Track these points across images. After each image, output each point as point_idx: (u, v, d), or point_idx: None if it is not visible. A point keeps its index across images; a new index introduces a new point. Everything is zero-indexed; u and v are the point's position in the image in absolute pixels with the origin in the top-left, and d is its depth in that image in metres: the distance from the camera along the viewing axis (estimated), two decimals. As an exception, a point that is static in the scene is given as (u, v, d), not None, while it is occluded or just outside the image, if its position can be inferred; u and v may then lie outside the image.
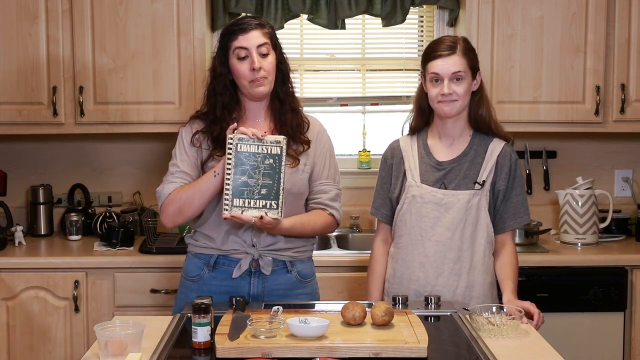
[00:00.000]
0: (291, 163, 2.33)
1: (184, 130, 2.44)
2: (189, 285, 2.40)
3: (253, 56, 2.30)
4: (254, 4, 3.44)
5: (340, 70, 3.77)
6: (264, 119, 2.41)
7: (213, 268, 2.37)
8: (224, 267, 2.36)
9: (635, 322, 3.12)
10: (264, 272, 2.35)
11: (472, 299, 2.37)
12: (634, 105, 3.31)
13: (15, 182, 3.61)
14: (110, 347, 1.80)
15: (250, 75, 2.30)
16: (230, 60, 2.33)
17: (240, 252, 2.35)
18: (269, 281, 2.36)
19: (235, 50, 2.31)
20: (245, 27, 2.31)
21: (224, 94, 2.36)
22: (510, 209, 2.41)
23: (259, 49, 2.31)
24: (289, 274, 2.40)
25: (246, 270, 2.34)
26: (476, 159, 2.41)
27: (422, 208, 2.39)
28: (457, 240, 2.37)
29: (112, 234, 3.26)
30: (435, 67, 2.34)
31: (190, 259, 2.43)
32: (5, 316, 3.08)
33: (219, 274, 2.37)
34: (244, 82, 2.33)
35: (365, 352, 1.84)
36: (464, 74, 2.33)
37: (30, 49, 3.23)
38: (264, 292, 2.36)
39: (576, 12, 3.27)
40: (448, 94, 2.33)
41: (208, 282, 2.37)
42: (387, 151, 2.54)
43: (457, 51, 2.33)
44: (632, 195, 3.71)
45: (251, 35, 2.31)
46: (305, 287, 2.44)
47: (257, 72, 2.30)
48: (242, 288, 2.35)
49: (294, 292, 2.41)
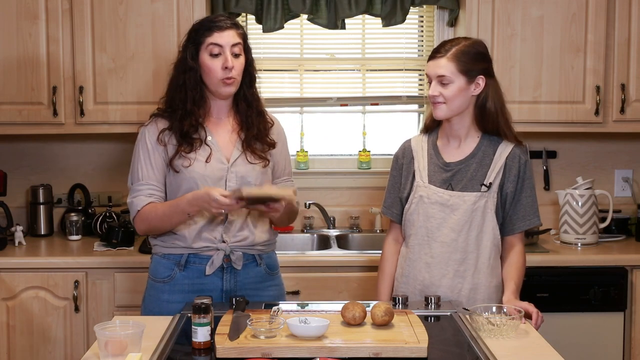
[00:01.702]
0: (260, 162, 2.38)
1: (147, 130, 2.39)
2: (159, 287, 2.38)
3: (227, 54, 2.30)
4: (254, 4, 3.44)
5: (340, 70, 3.77)
6: (226, 116, 2.43)
7: (184, 267, 2.36)
8: (195, 265, 2.35)
9: (635, 322, 3.12)
10: (236, 267, 2.35)
11: (476, 301, 2.36)
12: (634, 105, 3.31)
13: (15, 182, 3.61)
14: (110, 347, 1.80)
15: (221, 73, 2.30)
16: (201, 55, 2.32)
17: (211, 249, 2.35)
18: (240, 275, 2.37)
19: (208, 46, 2.31)
20: (222, 25, 2.32)
21: (195, 90, 2.35)
22: (519, 211, 2.40)
23: (232, 49, 2.32)
24: (258, 267, 2.41)
25: (218, 266, 2.35)
26: (484, 160, 2.40)
27: (429, 208, 2.40)
28: (463, 242, 2.37)
29: (112, 234, 3.26)
30: (427, 68, 2.39)
31: (157, 260, 2.41)
32: (5, 316, 3.09)
33: (190, 273, 2.36)
34: (213, 80, 2.33)
35: (365, 352, 1.84)
36: (449, 78, 2.32)
37: (30, 49, 3.23)
38: (236, 287, 2.37)
39: (576, 12, 3.27)
40: (432, 95, 2.35)
41: (180, 281, 2.36)
42: (399, 151, 2.54)
43: (447, 55, 2.33)
44: (632, 195, 3.71)
45: (227, 34, 2.31)
46: (274, 278, 2.47)
47: (229, 71, 2.30)
48: (214, 284, 2.35)
49: (264, 284, 2.42)
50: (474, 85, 2.36)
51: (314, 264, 3.11)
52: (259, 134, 2.41)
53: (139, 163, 2.37)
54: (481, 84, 2.37)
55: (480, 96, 2.38)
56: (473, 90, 2.37)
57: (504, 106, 2.42)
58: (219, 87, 2.34)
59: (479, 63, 2.36)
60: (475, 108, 2.40)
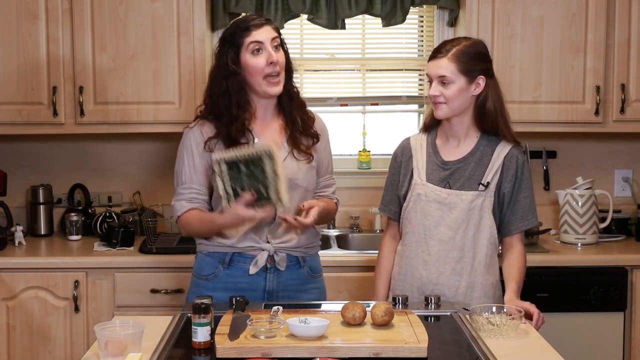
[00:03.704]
0: (306, 159, 2.37)
1: (192, 133, 2.38)
2: (203, 284, 2.40)
3: (269, 49, 2.30)
4: (254, 4, 3.44)
5: (340, 70, 3.77)
6: (271, 117, 2.42)
7: (228, 265, 2.37)
8: (240, 264, 2.36)
9: (635, 322, 3.12)
10: (279, 267, 2.37)
11: (473, 299, 2.37)
12: (634, 105, 3.31)
13: (15, 182, 3.61)
14: (110, 347, 1.80)
15: (267, 69, 2.29)
16: (243, 56, 2.31)
17: (255, 249, 2.36)
18: (283, 276, 2.38)
19: (249, 45, 2.30)
20: (258, 23, 2.32)
21: (239, 94, 2.33)
22: (517, 212, 2.40)
23: (272, 42, 2.31)
24: (301, 269, 2.42)
25: (262, 266, 2.35)
26: (482, 160, 2.41)
27: (427, 206, 2.40)
28: (460, 241, 2.38)
29: (112, 234, 3.26)
30: (427, 68, 2.39)
31: (202, 258, 2.43)
32: (5, 316, 3.08)
33: (234, 271, 2.37)
34: (258, 78, 2.31)
35: (365, 352, 1.84)
36: (450, 78, 2.33)
37: (30, 49, 3.23)
38: (278, 288, 2.38)
39: (576, 12, 3.27)
40: (433, 95, 2.36)
41: (224, 279, 2.37)
42: (398, 149, 2.55)
43: (448, 55, 2.33)
44: (632, 195, 3.71)
45: (264, 30, 2.31)
46: (316, 281, 2.47)
47: (274, 65, 2.29)
48: (258, 284, 2.36)
49: (306, 286, 2.43)
50: (474, 86, 2.36)
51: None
52: (304, 126, 2.40)
53: (183, 166, 2.37)
54: (481, 84, 2.37)
55: (480, 96, 2.38)
56: (473, 91, 2.37)
57: (503, 106, 2.42)
58: (265, 87, 2.32)
59: (480, 63, 2.37)
60: (475, 108, 2.40)
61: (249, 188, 2.20)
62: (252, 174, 2.20)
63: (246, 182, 2.20)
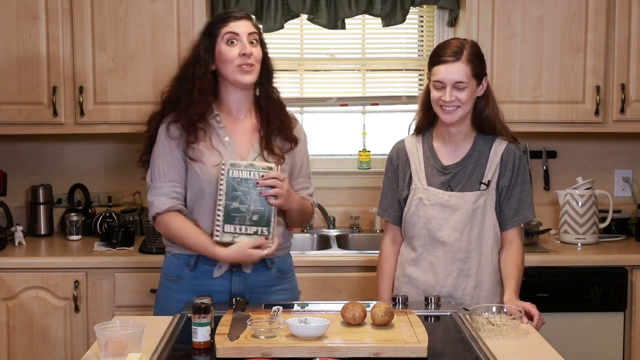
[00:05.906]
0: (275, 161, 2.32)
1: (163, 128, 2.36)
2: (170, 285, 2.39)
3: (244, 41, 2.29)
4: (254, 4, 3.44)
5: (340, 70, 3.77)
6: (245, 115, 2.39)
7: (194, 268, 2.35)
8: (205, 266, 2.34)
9: (635, 322, 3.12)
10: (245, 270, 2.34)
11: (480, 297, 2.38)
12: (634, 105, 3.31)
13: (15, 182, 3.61)
14: (110, 347, 1.80)
15: (239, 59, 2.28)
16: (218, 46, 2.31)
17: None
18: (250, 278, 2.35)
19: (225, 36, 2.30)
20: (237, 15, 2.33)
21: (203, 79, 2.32)
22: (513, 205, 2.41)
23: (249, 37, 2.31)
24: (268, 270, 2.39)
25: (227, 269, 2.34)
26: (480, 159, 2.41)
27: (429, 210, 2.40)
28: (465, 241, 2.38)
29: (112, 234, 3.26)
30: (438, 73, 2.32)
31: (169, 259, 2.41)
32: (5, 316, 3.08)
33: (199, 274, 2.35)
34: (230, 68, 2.29)
35: (365, 352, 1.84)
36: (466, 83, 2.31)
37: (30, 49, 3.22)
38: (245, 290, 2.35)
39: (576, 12, 3.27)
40: (450, 101, 2.31)
41: (189, 282, 2.35)
42: (392, 152, 2.53)
43: (462, 58, 2.30)
44: (632, 195, 3.71)
45: (242, 23, 2.32)
46: (285, 282, 2.43)
47: (247, 57, 2.28)
48: (223, 287, 2.34)
49: (274, 288, 2.40)
50: (480, 87, 2.37)
51: (314, 264, 3.11)
52: (282, 127, 2.37)
53: (158, 159, 2.35)
54: (484, 85, 2.38)
55: (481, 97, 2.39)
56: (478, 92, 2.37)
57: (496, 104, 2.44)
58: (237, 75, 2.29)
59: (484, 64, 2.39)
60: (474, 109, 2.40)
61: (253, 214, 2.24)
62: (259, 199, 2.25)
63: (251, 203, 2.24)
